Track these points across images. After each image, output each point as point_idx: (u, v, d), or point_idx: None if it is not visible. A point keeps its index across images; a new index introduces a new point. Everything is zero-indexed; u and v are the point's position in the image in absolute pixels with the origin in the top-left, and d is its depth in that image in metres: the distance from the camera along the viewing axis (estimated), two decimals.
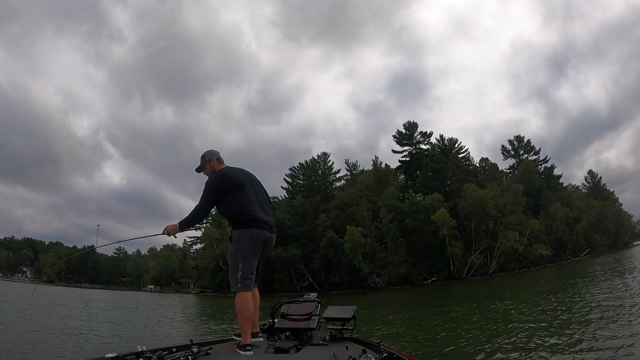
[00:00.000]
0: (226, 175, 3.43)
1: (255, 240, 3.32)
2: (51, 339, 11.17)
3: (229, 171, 3.51)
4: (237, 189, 3.38)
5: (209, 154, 3.65)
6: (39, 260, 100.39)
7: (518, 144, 63.67)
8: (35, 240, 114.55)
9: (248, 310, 3.20)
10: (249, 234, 3.30)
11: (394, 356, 2.57)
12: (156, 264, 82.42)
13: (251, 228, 3.31)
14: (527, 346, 7.86)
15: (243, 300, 3.20)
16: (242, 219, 3.33)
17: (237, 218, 3.36)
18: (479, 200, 44.53)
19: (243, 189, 3.40)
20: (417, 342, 9.85)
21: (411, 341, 10.02)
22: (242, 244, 3.29)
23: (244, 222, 3.32)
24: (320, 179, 58.78)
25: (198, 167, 3.69)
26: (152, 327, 16.44)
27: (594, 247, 54.94)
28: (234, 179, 3.42)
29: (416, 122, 58.33)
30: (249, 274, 3.27)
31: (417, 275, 44.64)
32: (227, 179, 3.40)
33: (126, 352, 2.59)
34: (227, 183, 3.38)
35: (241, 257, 3.27)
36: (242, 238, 3.30)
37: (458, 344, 8.93)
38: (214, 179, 3.43)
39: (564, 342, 7.78)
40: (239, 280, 3.22)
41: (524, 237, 44.77)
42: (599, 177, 72.66)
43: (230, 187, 3.37)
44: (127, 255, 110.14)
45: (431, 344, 9.35)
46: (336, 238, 45.47)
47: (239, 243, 3.30)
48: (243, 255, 3.28)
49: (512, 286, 27.10)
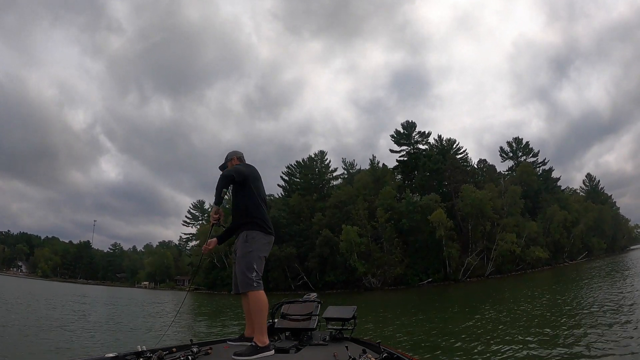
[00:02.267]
0: (250, 173, 3.57)
1: (269, 245, 3.49)
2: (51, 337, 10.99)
3: (249, 167, 3.68)
4: (253, 191, 3.51)
5: (231, 154, 3.89)
6: (34, 255, 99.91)
7: (516, 145, 63.45)
8: (31, 235, 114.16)
9: (266, 307, 3.28)
10: (266, 239, 3.45)
11: (394, 356, 2.60)
12: (151, 261, 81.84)
13: (267, 234, 3.46)
14: (525, 347, 7.84)
15: (261, 299, 3.24)
16: (260, 223, 3.44)
17: (255, 221, 3.44)
18: (476, 202, 44.23)
19: (258, 185, 3.59)
20: (416, 343, 9.74)
21: (410, 342, 9.90)
22: (259, 246, 3.37)
23: (260, 226, 3.43)
24: (317, 178, 58.46)
25: (221, 165, 3.89)
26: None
27: (591, 250, 54.89)
28: (254, 172, 3.61)
29: (414, 122, 58.27)
30: (261, 275, 3.35)
31: (413, 276, 44.34)
32: (250, 174, 3.54)
33: (126, 352, 2.61)
34: (249, 178, 3.52)
35: (257, 258, 3.34)
36: (259, 240, 3.39)
37: (456, 345, 8.84)
38: (239, 166, 3.63)
39: (561, 343, 7.76)
40: (255, 280, 3.25)
41: (521, 239, 44.51)
42: (596, 181, 72.95)
43: (251, 185, 3.51)
44: (123, 251, 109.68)
45: (430, 345, 9.25)
46: (332, 237, 45.19)
47: (257, 244, 3.37)
48: (259, 256, 3.36)
49: (509, 288, 26.82)
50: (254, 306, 3.19)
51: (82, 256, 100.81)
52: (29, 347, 9.36)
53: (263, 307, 3.20)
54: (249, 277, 3.22)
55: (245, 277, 3.23)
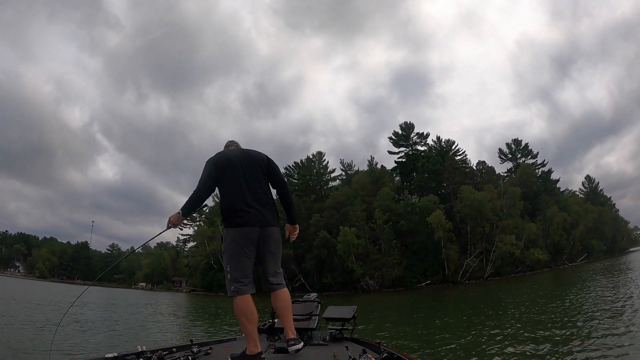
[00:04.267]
0: (211, 159, 3.06)
1: (242, 240, 2.86)
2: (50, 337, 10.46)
3: (218, 153, 3.14)
4: (222, 174, 2.97)
5: (228, 143, 3.39)
6: (32, 256, 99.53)
7: (515, 147, 63.17)
8: (29, 235, 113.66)
9: (247, 314, 2.80)
10: (234, 233, 2.88)
11: (394, 356, 2.56)
12: (149, 262, 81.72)
13: (235, 227, 2.89)
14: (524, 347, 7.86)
15: (237, 305, 2.82)
16: (227, 215, 2.94)
17: (223, 214, 2.98)
18: (475, 203, 43.92)
19: (227, 173, 2.97)
20: (415, 343, 9.75)
21: (410, 342, 9.92)
22: (228, 244, 2.89)
23: (228, 219, 2.93)
24: (315, 179, 58.13)
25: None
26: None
27: (591, 252, 54.71)
28: (219, 160, 3.04)
29: (413, 123, 58.31)
30: (241, 277, 2.83)
31: (411, 278, 43.97)
32: (209, 162, 3.04)
33: (126, 352, 2.57)
34: (209, 165, 3.01)
35: (228, 259, 2.89)
36: (227, 237, 2.91)
37: (455, 347, 8.78)
38: (208, 161, 3.08)
39: (560, 345, 7.79)
40: (229, 283, 2.85)
41: (520, 241, 44.20)
42: (596, 183, 72.81)
43: (216, 172, 2.98)
44: (120, 252, 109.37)
45: (430, 345, 9.24)
46: (329, 238, 44.87)
47: (225, 243, 2.91)
48: (230, 256, 2.88)
49: (508, 290, 26.53)
50: (235, 312, 2.86)
51: (80, 257, 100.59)
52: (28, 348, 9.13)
53: (241, 312, 2.84)
54: (227, 282, 2.88)
55: (226, 281, 2.90)
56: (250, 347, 2.75)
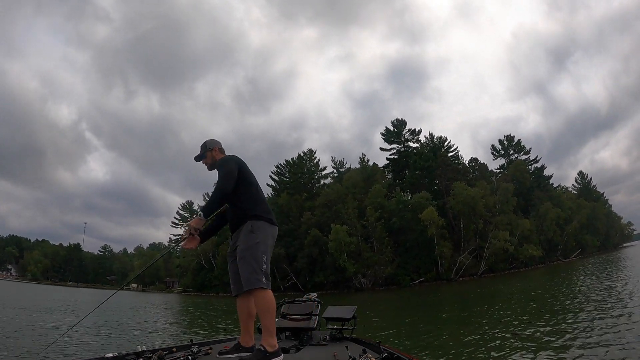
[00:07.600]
0: (235, 158, 3.16)
1: (274, 238, 3.09)
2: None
3: (233, 155, 3.26)
4: (244, 175, 3.07)
5: (211, 142, 3.35)
6: (24, 258, 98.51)
7: (508, 143, 63.04)
8: (20, 238, 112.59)
9: (274, 308, 2.84)
10: (272, 229, 3.05)
11: (394, 356, 2.56)
12: (141, 263, 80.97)
13: (272, 224, 3.06)
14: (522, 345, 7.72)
15: (268, 299, 2.79)
16: (264, 208, 3.06)
17: (258, 205, 3.04)
18: (468, 199, 43.51)
19: (249, 175, 3.14)
20: (414, 343, 9.53)
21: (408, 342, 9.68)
22: (267, 238, 2.95)
23: (266, 212, 3.05)
24: (306, 177, 57.59)
25: (198, 155, 3.34)
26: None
27: (585, 248, 54.72)
28: (240, 161, 3.14)
29: (405, 120, 58.00)
30: (269, 272, 2.90)
31: (404, 276, 43.50)
32: (244, 164, 3.12)
33: (126, 352, 2.58)
34: (244, 168, 3.10)
35: (265, 251, 2.89)
36: (265, 230, 2.96)
37: (453, 345, 8.65)
38: (230, 158, 3.15)
39: (557, 342, 7.63)
40: (264, 275, 2.81)
41: (514, 237, 43.86)
42: (589, 179, 73.03)
43: (239, 172, 3.02)
44: (113, 254, 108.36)
45: (429, 346, 9.01)
46: (321, 236, 44.39)
47: (263, 235, 2.92)
48: (267, 250, 2.92)
49: (502, 287, 26.21)
50: (262, 306, 2.76)
51: (72, 259, 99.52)
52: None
53: (272, 307, 2.80)
54: (255, 273, 2.77)
55: (254, 272, 2.78)
56: (272, 341, 2.71)
